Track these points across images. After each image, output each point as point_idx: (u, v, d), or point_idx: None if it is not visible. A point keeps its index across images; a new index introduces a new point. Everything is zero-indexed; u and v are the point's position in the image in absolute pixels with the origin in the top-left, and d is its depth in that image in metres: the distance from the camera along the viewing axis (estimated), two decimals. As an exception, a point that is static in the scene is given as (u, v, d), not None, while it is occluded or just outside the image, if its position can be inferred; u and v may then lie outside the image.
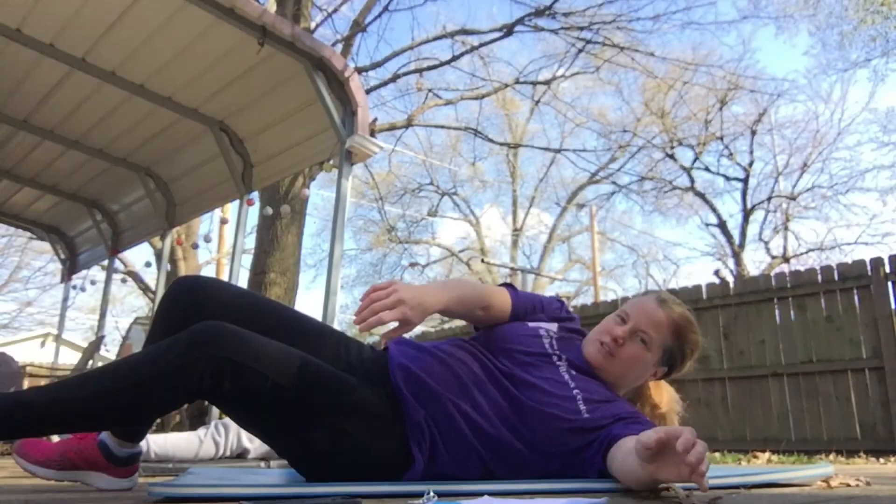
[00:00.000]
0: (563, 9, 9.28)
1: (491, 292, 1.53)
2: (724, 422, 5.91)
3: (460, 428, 1.34)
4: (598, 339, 1.47)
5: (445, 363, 1.41)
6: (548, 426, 1.34)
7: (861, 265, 5.37)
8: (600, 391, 1.42)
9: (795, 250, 15.86)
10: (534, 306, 1.60)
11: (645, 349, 1.46)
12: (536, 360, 1.45)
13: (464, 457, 1.37)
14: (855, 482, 1.40)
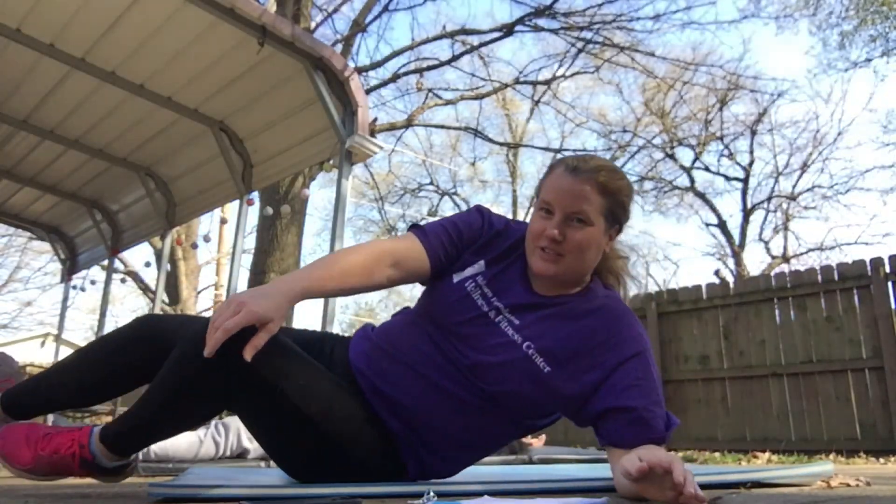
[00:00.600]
0: (563, 9, 9.29)
1: (391, 248, 1.37)
2: (724, 422, 5.91)
3: (441, 435, 1.34)
4: (537, 246, 1.32)
5: (409, 370, 1.34)
6: (517, 402, 1.32)
7: (861, 265, 5.37)
8: (555, 330, 1.31)
9: (795, 250, 15.87)
10: (452, 241, 1.41)
11: (587, 226, 1.30)
12: (476, 328, 1.33)
13: (453, 456, 1.39)
14: (855, 482, 1.40)
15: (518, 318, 1.33)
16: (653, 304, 6.54)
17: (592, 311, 1.33)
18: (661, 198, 17.35)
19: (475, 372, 1.30)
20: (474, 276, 1.39)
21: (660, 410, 1.24)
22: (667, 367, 6.33)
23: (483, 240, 1.43)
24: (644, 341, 1.32)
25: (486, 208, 1.48)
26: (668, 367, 6.33)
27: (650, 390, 1.25)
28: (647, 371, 1.27)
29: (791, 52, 31.20)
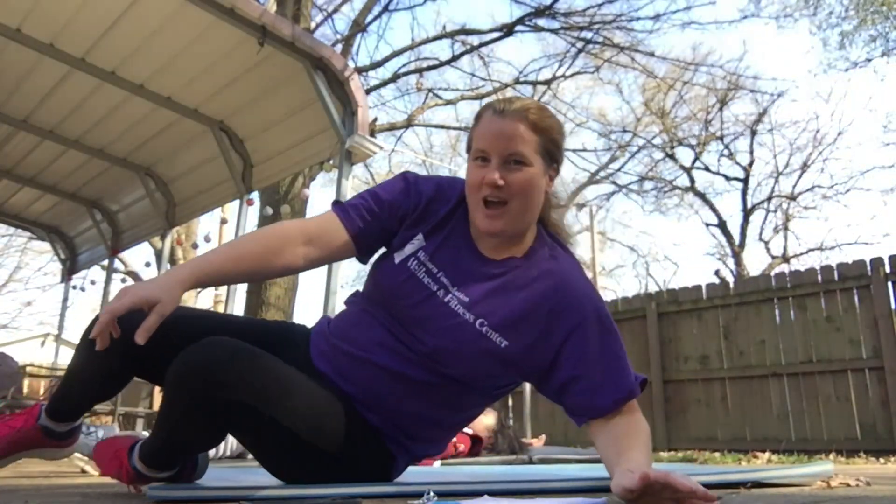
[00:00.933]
0: (563, 9, 9.28)
1: (301, 225, 1.32)
2: (724, 422, 5.91)
3: (416, 420, 1.33)
4: (479, 200, 1.25)
5: (370, 365, 1.29)
6: (482, 379, 1.31)
7: (861, 265, 5.37)
8: (506, 302, 1.26)
9: (795, 250, 15.88)
10: (373, 211, 1.34)
11: (526, 167, 1.25)
12: (427, 310, 1.27)
13: (434, 436, 1.39)
14: (855, 482, 1.40)
15: (466, 293, 1.28)
16: (653, 304, 6.54)
17: (541, 276, 1.28)
18: (661, 198, 17.37)
19: (434, 357, 1.27)
20: (415, 252, 1.32)
21: (623, 366, 1.23)
22: (667, 367, 6.33)
23: (416, 210, 1.35)
24: (595, 301, 1.28)
25: (412, 173, 1.40)
26: (668, 367, 6.33)
27: (609, 350, 1.23)
28: (602, 331, 1.24)
29: (791, 52, 31.21)
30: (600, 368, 1.21)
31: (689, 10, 12.73)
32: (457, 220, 1.34)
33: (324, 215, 1.34)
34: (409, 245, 1.33)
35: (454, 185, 1.38)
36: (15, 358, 6.19)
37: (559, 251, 1.35)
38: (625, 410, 1.21)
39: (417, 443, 1.36)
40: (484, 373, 1.28)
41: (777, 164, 15.81)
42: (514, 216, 1.25)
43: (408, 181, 1.37)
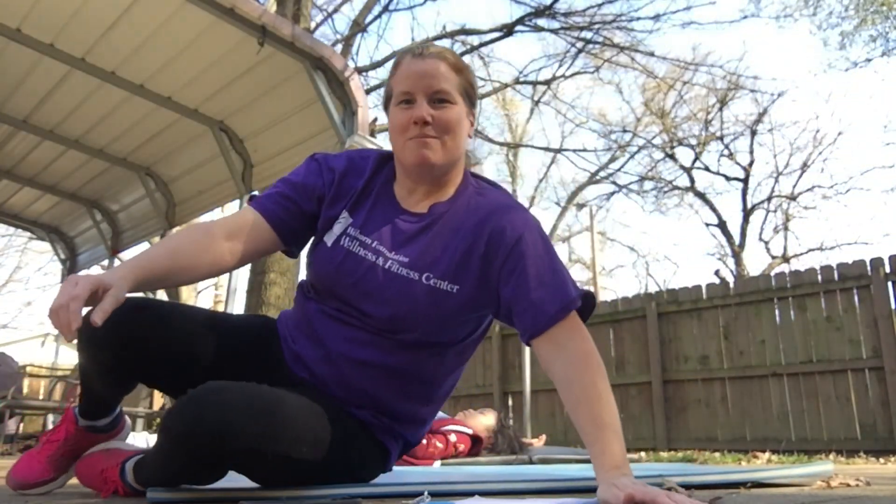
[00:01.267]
0: (563, 9, 9.29)
1: (220, 221, 1.31)
2: (724, 422, 5.91)
3: (401, 404, 1.33)
4: (407, 138, 1.25)
5: (335, 365, 1.28)
6: (448, 333, 1.29)
7: (861, 265, 5.37)
8: (443, 247, 1.26)
9: (795, 250, 15.88)
10: (290, 198, 1.34)
11: (452, 105, 1.27)
12: (371, 282, 1.26)
13: (422, 413, 1.39)
14: (855, 482, 1.39)
15: (404, 253, 1.27)
16: (653, 304, 6.54)
17: (471, 211, 1.29)
18: (661, 198, 17.36)
19: (392, 327, 1.25)
20: (345, 230, 1.32)
21: (562, 279, 1.21)
22: (667, 367, 6.34)
23: (332, 188, 1.35)
24: (527, 220, 1.26)
25: (320, 153, 1.41)
26: (668, 367, 6.34)
27: (546, 264, 1.21)
28: (537, 247, 1.23)
29: (791, 52, 31.21)
30: (539, 282, 1.19)
31: (689, 10, 12.72)
32: (379, 188, 1.35)
33: (242, 210, 1.35)
34: (336, 225, 1.33)
35: (366, 155, 1.39)
36: (15, 358, 6.20)
37: (486, 187, 1.36)
38: (574, 330, 1.18)
39: (406, 426, 1.36)
40: (449, 325, 1.27)
41: (777, 164, 15.83)
42: (443, 153, 1.26)
43: (317, 161, 1.39)
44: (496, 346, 7.67)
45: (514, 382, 7.22)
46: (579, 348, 1.16)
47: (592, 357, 1.16)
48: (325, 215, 1.35)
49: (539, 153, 20.51)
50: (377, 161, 1.37)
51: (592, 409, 1.12)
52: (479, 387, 7.71)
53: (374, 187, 1.35)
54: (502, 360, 7.60)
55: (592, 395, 1.13)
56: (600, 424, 1.10)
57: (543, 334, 1.17)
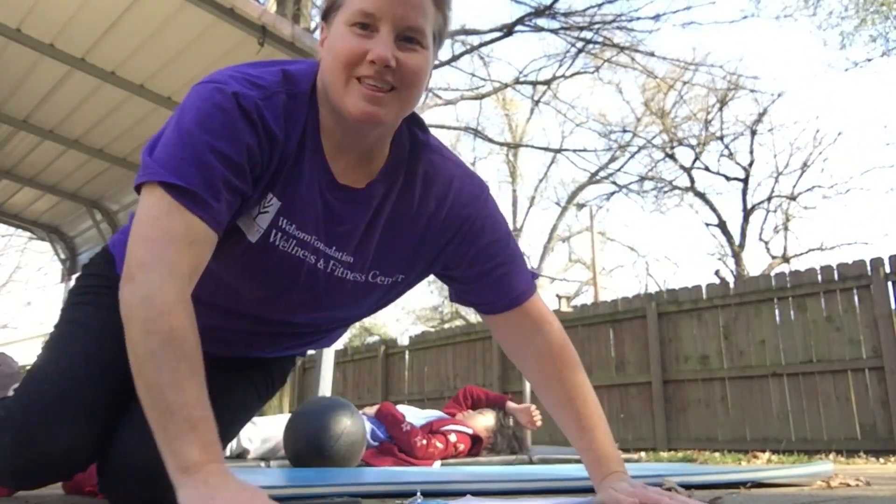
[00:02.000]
0: (563, 9, 9.30)
1: (190, 276, 0.89)
2: (724, 422, 5.91)
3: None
4: (351, 76, 0.92)
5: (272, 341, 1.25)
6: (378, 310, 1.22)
7: (861, 265, 5.37)
8: (394, 243, 1.09)
9: (795, 250, 15.88)
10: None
11: (422, 50, 0.95)
12: (307, 292, 1.07)
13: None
14: (855, 482, 1.40)
15: (348, 251, 1.06)
16: (653, 304, 6.54)
17: (421, 190, 1.08)
18: (661, 198, 17.36)
19: (319, 329, 1.22)
20: (275, 222, 1.00)
21: (520, 255, 1.17)
22: (667, 367, 6.33)
23: (262, 163, 0.96)
24: (485, 196, 1.15)
25: (241, 92, 0.94)
26: (668, 367, 6.33)
27: (509, 242, 1.16)
28: (500, 228, 1.14)
29: (791, 52, 31.23)
30: (506, 260, 1.13)
31: (689, 10, 12.73)
32: (309, 151, 1.00)
33: (190, 228, 0.88)
34: (262, 214, 0.99)
35: (295, 91, 1.03)
36: (15, 358, 6.20)
37: (423, 146, 1.10)
38: (542, 310, 1.15)
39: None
40: (383, 304, 1.20)
41: (777, 164, 15.84)
42: (398, 109, 0.96)
43: (248, 116, 0.98)
44: (496, 346, 7.66)
45: (514, 382, 7.22)
46: (553, 340, 1.13)
47: (568, 350, 1.13)
48: (249, 198, 0.98)
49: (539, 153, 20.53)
50: (309, 103, 1.00)
51: (580, 411, 1.08)
52: (478, 386, 7.70)
53: (305, 150, 0.99)
54: (502, 360, 7.60)
55: (578, 396, 1.10)
56: (590, 426, 1.07)
57: (514, 310, 1.13)
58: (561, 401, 1.10)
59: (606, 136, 16.72)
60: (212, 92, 0.92)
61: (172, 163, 0.88)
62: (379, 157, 1.05)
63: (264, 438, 2.83)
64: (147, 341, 0.82)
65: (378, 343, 10.04)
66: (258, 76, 0.97)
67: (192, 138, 0.89)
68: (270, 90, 0.97)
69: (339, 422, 2.33)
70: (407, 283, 1.16)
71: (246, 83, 0.95)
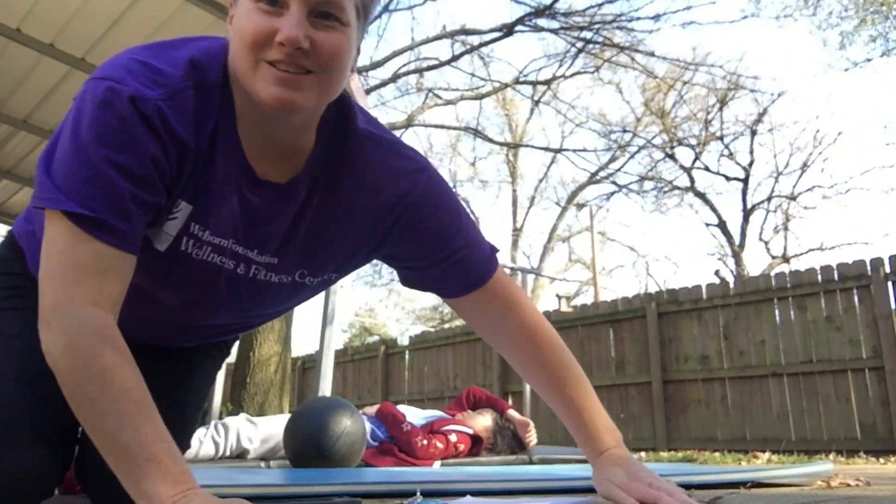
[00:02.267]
0: (563, 9, 9.30)
1: (112, 307, 0.83)
2: (724, 422, 5.91)
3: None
4: (259, 59, 0.81)
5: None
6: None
7: (861, 265, 5.37)
8: (324, 241, 0.98)
9: (795, 250, 15.88)
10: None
11: (343, 28, 0.83)
12: (226, 299, 0.98)
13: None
14: (855, 482, 1.40)
15: (272, 252, 0.96)
16: (653, 304, 6.54)
17: (354, 181, 0.96)
18: (661, 198, 17.36)
19: (276, 316, 1.16)
20: (186, 228, 0.90)
21: (474, 224, 1.07)
22: (667, 367, 6.33)
23: (170, 172, 0.85)
24: (420, 172, 1.00)
25: (139, 96, 0.81)
26: (668, 366, 6.33)
27: (466, 220, 1.05)
28: (450, 211, 1.02)
29: (791, 52, 31.24)
30: (457, 244, 1.02)
31: (689, 10, 12.73)
32: (222, 143, 0.88)
33: (104, 256, 0.81)
34: (170, 220, 0.89)
35: (206, 81, 0.88)
36: None
37: (347, 131, 0.96)
38: (509, 284, 1.08)
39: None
40: (317, 293, 1.12)
41: (777, 164, 15.83)
42: (318, 94, 0.84)
43: (149, 123, 0.85)
44: (496, 346, 7.67)
45: (515, 382, 7.22)
46: (526, 319, 1.07)
47: (544, 329, 1.08)
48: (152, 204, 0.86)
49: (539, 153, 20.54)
50: (221, 93, 0.87)
51: (565, 390, 1.06)
52: (479, 387, 7.71)
53: (218, 147, 0.88)
54: (502, 359, 7.59)
55: (561, 375, 1.07)
56: (578, 404, 1.05)
57: (478, 291, 1.05)
58: (545, 382, 1.08)
59: (606, 136, 16.73)
60: (107, 95, 0.80)
61: (72, 185, 0.78)
62: (304, 148, 0.93)
63: (264, 438, 2.83)
64: (83, 390, 0.77)
65: (378, 343, 10.04)
66: (160, 69, 0.83)
67: (90, 153, 0.79)
68: (174, 87, 0.83)
69: (339, 422, 2.33)
70: (341, 276, 1.08)
71: (146, 79, 0.82)
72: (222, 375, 4.63)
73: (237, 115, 0.89)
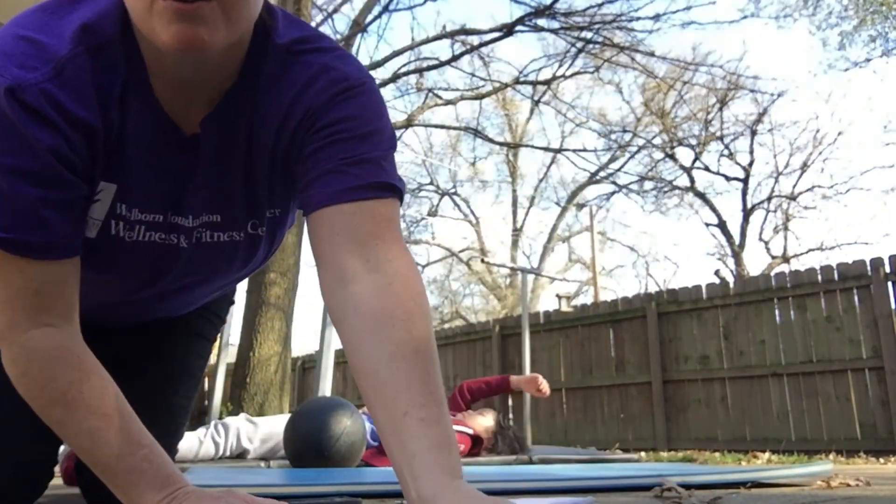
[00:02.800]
0: (563, 9, 9.29)
1: (73, 322, 0.79)
2: (724, 422, 5.91)
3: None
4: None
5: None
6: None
7: (861, 265, 5.37)
8: (256, 187, 0.87)
9: (795, 250, 15.88)
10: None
11: None
12: (171, 275, 0.91)
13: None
14: (855, 482, 1.40)
15: (209, 213, 0.87)
16: (653, 304, 6.54)
17: (270, 105, 0.83)
18: (661, 198, 17.36)
19: (249, 273, 1.05)
20: (112, 211, 0.81)
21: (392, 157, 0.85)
22: (667, 367, 6.34)
23: (82, 157, 0.75)
24: (345, 82, 0.83)
25: (20, 83, 0.69)
26: (668, 367, 6.34)
27: (376, 135, 0.82)
28: (360, 120, 0.82)
29: (791, 52, 31.24)
30: (353, 153, 0.80)
31: (689, 10, 12.73)
32: (133, 119, 0.78)
33: (49, 271, 0.74)
34: (94, 205, 0.79)
35: (99, 43, 0.75)
36: None
37: (268, 50, 0.82)
38: (395, 235, 0.79)
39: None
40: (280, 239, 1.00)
41: (777, 164, 15.81)
42: (227, 25, 0.70)
43: (43, 115, 0.72)
44: (496, 345, 7.67)
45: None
46: (403, 272, 0.76)
47: (420, 295, 0.76)
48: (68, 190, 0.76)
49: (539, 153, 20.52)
50: (123, 49, 0.76)
51: (416, 378, 0.70)
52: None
53: (130, 112, 0.77)
54: (502, 360, 7.60)
55: (426, 360, 0.72)
56: (433, 416, 0.69)
57: (347, 206, 0.77)
58: (394, 357, 0.71)
59: (606, 136, 16.72)
60: None
61: None
62: (226, 79, 0.80)
63: (264, 438, 2.83)
64: (49, 414, 0.74)
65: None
66: (43, 42, 0.71)
67: None
68: (63, 58, 0.71)
69: (339, 422, 2.33)
70: (288, 214, 0.96)
71: (27, 57, 0.70)
72: (222, 376, 4.63)
73: (149, 71, 0.76)
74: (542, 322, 7.46)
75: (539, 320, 7.46)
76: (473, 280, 21.18)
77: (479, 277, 20.91)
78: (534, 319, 7.29)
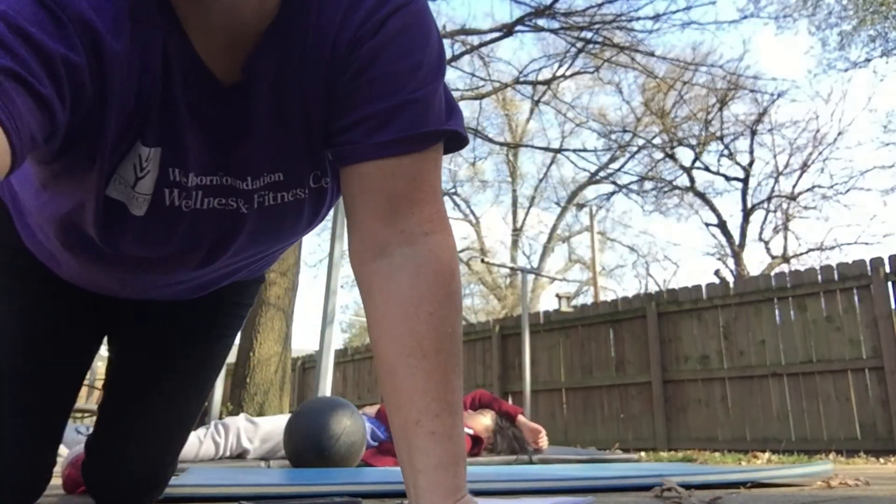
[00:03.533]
0: (563, 9, 9.29)
1: None
2: (724, 422, 5.91)
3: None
4: None
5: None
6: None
7: (861, 265, 5.37)
8: (303, 114, 0.75)
9: (795, 250, 15.88)
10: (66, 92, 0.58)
11: None
12: (231, 243, 0.82)
13: None
14: (855, 482, 1.40)
15: (271, 172, 0.77)
16: (653, 304, 6.54)
17: (320, 34, 0.71)
18: (661, 198, 17.36)
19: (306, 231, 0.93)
20: (164, 179, 0.72)
21: (440, 98, 0.74)
22: (667, 367, 6.34)
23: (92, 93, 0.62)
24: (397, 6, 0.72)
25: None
26: (668, 367, 6.34)
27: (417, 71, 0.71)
28: (406, 42, 0.71)
29: (791, 52, 31.26)
30: (400, 89, 0.70)
31: (689, 10, 12.73)
32: (174, 68, 0.68)
33: None
34: (145, 177, 0.71)
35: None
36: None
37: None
38: (428, 183, 0.71)
39: None
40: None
41: (777, 164, 15.81)
42: None
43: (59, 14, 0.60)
44: (496, 346, 7.67)
45: (514, 382, 7.22)
46: (437, 252, 0.70)
47: (451, 281, 0.70)
48: (92, 142, 0.66)
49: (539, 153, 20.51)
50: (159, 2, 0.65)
51: (436, 381, 0.66)
52: (478, 387, 7.71)
53: (171, 59, 0.67)
54: (502, 360, 7.60)
55: (451, 364, 0.67)
56: (450, 420, 0.66)
57: (389, 161, 0.69)
58: (418, 351, 0.67)
59: (606, 136, 16.71)
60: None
61: None
62: (265, 13, 0.69)
63: (264, 438, 2.83)
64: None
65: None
66: None
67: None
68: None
69: (339, 422, 2.33)
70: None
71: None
72: (222, 375, 4.63)
73: (182, 17, 0.66)
74: (542, 322, 7.46)
75: (539, 320, 7.47)
76: (473, 280, 21.17)
77: (479, 277, 20.90)
78: (534, 319, 7.30)
